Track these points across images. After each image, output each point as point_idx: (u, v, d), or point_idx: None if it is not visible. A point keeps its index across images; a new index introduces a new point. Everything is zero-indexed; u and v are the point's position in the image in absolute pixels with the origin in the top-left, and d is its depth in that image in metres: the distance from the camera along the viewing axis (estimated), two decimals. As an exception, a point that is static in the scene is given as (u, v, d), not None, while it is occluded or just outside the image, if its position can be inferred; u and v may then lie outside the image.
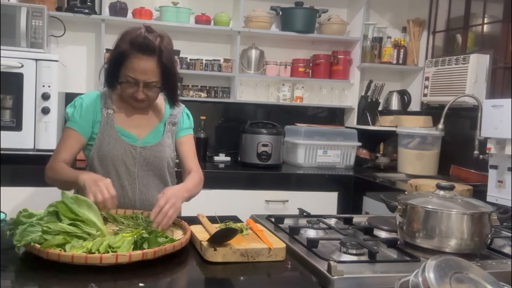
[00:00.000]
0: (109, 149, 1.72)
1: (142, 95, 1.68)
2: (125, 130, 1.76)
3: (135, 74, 1.64)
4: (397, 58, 3.55)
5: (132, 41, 1.63)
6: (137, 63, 1.63)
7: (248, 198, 2.86)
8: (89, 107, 1.76)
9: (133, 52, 1.63)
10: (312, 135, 3.30)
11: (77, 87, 3.19)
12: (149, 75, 1.65)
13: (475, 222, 1.37)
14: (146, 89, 1.68)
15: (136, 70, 1.64)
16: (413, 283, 0.98)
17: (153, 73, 1.65)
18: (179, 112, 1.88)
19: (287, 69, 3.51)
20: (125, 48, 1.64)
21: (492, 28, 3.09)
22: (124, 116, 1.78)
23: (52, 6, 3.03)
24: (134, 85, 1.67)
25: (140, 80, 1.65)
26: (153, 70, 1.65)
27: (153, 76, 1.66)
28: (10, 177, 2.51)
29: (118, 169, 1.73)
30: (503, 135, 2.18)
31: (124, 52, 1.64)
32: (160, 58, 1.64)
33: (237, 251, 1.28)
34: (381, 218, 1.74)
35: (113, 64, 1.69)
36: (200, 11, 3.33)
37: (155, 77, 1.67)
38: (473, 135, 2.79)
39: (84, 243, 1.25)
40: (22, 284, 1.15)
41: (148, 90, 1.68)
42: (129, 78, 1.65)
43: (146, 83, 1.66)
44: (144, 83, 1.66)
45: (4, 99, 2.61)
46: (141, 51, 1.62)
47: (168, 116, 1.84)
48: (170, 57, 1.68)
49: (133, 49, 1.63)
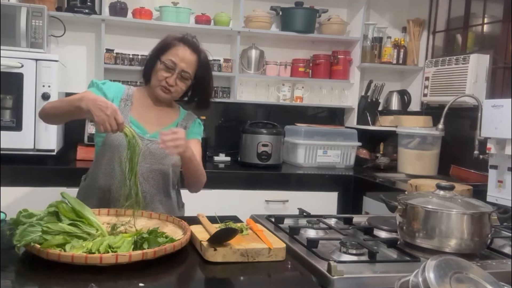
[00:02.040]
0: (116, 136, 1.75)
1: (173, 81, 1.80)
2: (137, 122, 1.83)
3: (176, 59, 1.80)
4: (397, 58, 3.56)
5: (180, 38, 1.85)
6: (182, 50, 1.81)
7: (248, 198, 2.86)
8: (114, 87, 1.87)
9: (181, 44, 1.83)
10: (312, 135, 3.30)
11: (77, 87, 3.18)
12: (188, 65, 1.81)
13: (475, 222, 1.37)
14: (179, 78, 1.81)
15: (179, 55, 1.80)
16: (413, 283, 0.98)
17: (191, 65, 1.83)
18: (192, 119, 1.97)
19: (287, 69, 3.51)
20: (172, 41, 1.84)
21: (492, 28, 3.09)
22: (140, 111, 1.86)
23: (52, 6, 3.03)
24: (170, 70, 1.80)
25: (178, 65, 1.80)
26: (192, 63, 1.83)
27: (190, 68, 1.82)
28: (10, 177, 2.51)
29: (122, 157, 1.75)
30: (503, 135, 2.18)
31: (171, 43, 1.83)
32: (199, 57, 1.85)
33: (237, 251, 1.28)
34: (381, 218, 1.74)
35: (156, 50, 1.85)
36: (200, 11, 3.33)
37: (191, 69, 1.83)
38: (473, 135, 2.79)
39: (84, 243, 1.24)
40: (22, 284, 1.15)
41: (180, 80, 1.81)
42: (169, 61, 1.80)
43: (183, 71, 1.80)
44: (180, 70, 1.80)
45: (4, 99, 2.61)
46: (188, 44, 1.83)
47: (181, 120, 1.93)
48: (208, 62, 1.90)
49: (181, 42, 1.83)
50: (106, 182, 1.80)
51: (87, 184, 1.87)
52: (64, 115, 1.69)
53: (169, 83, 1.80)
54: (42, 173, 2.62)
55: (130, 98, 1.87)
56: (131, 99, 1.86)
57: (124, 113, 1.79)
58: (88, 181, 1.88)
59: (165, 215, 1.57)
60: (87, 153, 2.86)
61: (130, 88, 1.92)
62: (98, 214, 1.55)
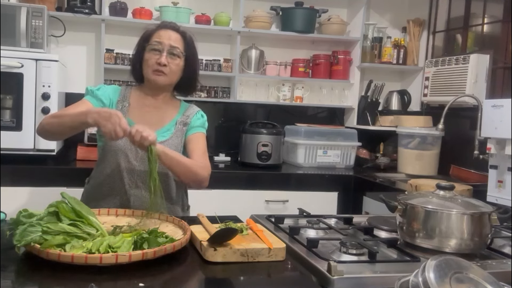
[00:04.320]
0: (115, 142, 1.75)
1: (165, 59, 1.78)
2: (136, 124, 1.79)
3: (161, 38, 1.79)
4: (397, 58, 3.56)
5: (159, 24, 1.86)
6: (163, 32, 1.82)
7: (248, 198, 2.86)
8: (109, 91, 1.86)
9: (160, 27, 1.84)
10: (312, 135, 3.30)
11: (77, 87, 3.19)
12: (175, 41, 1.81)
13: (475, 222, 1.37)
14: (169, 56, 1.79)
15: (162, 35, 1.80)
16: (413, 283, 0.98)
17: (179, 42, 1.82)
18: (193, 113, 1.92)
19: (287, 69, 3.51)
20: (152, 27, 1.85)
21: (492, 28, 3.09)
22: (138, 112, 1.85)
23: (52, 6, 3.03)
24: (158, 52, 1.78)
25: (165, 43, 1.79)
26: (179, 40, 1.82)
27: (177, 43, 1.81)
28: (10, 177, 2.51)
29: (119, 160, 1.77)
30: (503, 135, 2.18)
31: (151, 30, 1.84)
32: (184, 35, 1.85)
33: (237, 251, 1.28)
34: (381, 218, 1.74)
35: (139, 44, 1.85)
36: (200, 11, 3.33)
37: (179, 45, 1.82)
38: (473, 135, 2.79)
39: (84, 243, 1.25)
40: (22, 284, 1.15)
41: (170, 58, 1.79)
42: (155, 42, 1.79)
43: (171, 47, 1.79)
44: (169, 46, 1.79)
45: (4, 99, 2.61)
46: (167, 27, 1.84)
47: (180, 117, 1.89)
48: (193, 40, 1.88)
49: (160, 27, 1.84)
50: (109, 185, 1.80)
51: (91, 186, 1.88)
52: (67, 130, 1.69)
53: (161, 63, 1.77)
54: (42, 173, 2.62)
55: (127, 99, 1.86)
56: (128, 100, 1.86)
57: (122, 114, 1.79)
58: (91, 184, 1.88)
59: (165, 215, 1.57)
60: (87, 153, 2.86)
61: (128, 88, 1.92)
62: (98, 214, 1.55)
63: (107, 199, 1.79)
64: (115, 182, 1.79)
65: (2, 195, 2.28)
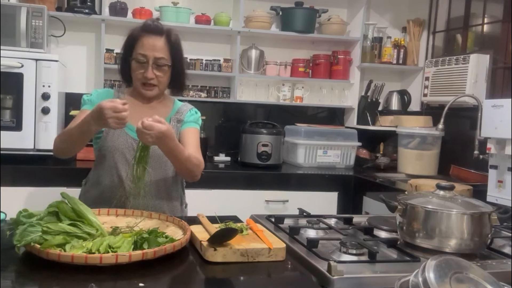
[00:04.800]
0: (112, 140, 1.78)
1: (151, 74, 1.76)
2: (131, 125, 1.79)
3: (145, 50, 1.75)
4: (397, 58, 3.56)
5: (142, 26, 1.79)
6: (146, 40, 1.75)
7: (248, 198, 2.86)
8: (103, 96, 1.84)
9: (143, 33, 1.77)
10: (312, 135, 3.30)
11: (77, 87, 3.19)
12: (158, 51, 1.75)
13: (475, 222, 1.37)
14: (156, 68, 1.76)
15: (145, 46, 1.75)
16: (413, 283, 0.98)
17: (162, 50, 1.76)
18: (186, 110, 1.93)
19: (287, 69, 3.51)
20: (136, 32, 1.79)
21: (492, 28, 3.09)
22: (132, 112, 1.82)
23: (52, 6, 3.03)
24: (144, 64, 1.75)
25: (149, 56, 1.75)
26: (163, 48, 1.76)
27: (162, 53, 1.76)
28: (10, 177, 2.51)
29: (117, 160, 1.78)
30: (503, 135, 2.18)
31: (135, 36, 1.78)
32: (168, 38, 1.77)
33: (237, 251, 1.28)
34: (381, 218, 1.74)
35: (125, 50, 1.81)
36: (200, 11, 3.33)
37: (164, 54, 1.76)
38: (473, 135, 2.79)
39: (84, 243, 1.25)
40: (22, 284, 1.15)
41: (157, 70, 1.76)
42: (139, 55, 1.76)
43: (156, 59, 1.75)
44: (153, 59, 1.75)
45: (4, 99, 2.61)
46: (150, 31, 1.76)
47: (174, 114, 1.89)
48: (178, 40, 1.81)
49: (143, 31, 1.77)
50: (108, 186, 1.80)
51: (89, 188, 1.88)
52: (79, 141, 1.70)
53: (148, 78, 1.76)
54: (42, 173, 2.62)
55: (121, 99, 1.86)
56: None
57: None
58: (89, 186, 1.88)
59: (165, 215, 1.57)
60: (87, 153, 2.85)
61: (120, 90, 1.91)
62: (98, 214, 1.55)
63: (106, 199, 1.79)
64: (113, 182, 1.79)
65: (2, 195, 2.28)
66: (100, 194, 1.81)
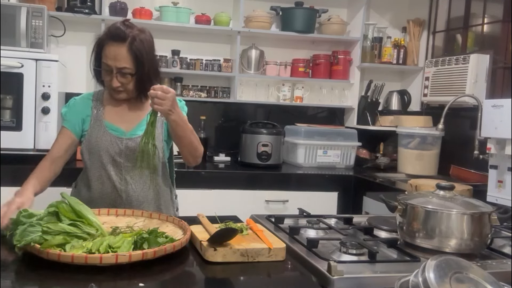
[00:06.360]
0: (97, 141, 1.79)
1: (116, 82, 1.75)
2: (114, 125, 1.82)
3: (107, 60, 1.73)
4: (397, 58, 3.56)
5: (106, 32, 1.77)
6: (108, 49, 1.73)
7: (248, 198, 2.86)
8: (80, 105, 1.86)
9: (106, 40, 1.74)
10: (312, 135, 3.30)
11: (77, 87, 3.18)
12: (120, 61, 1.72)
13: (475, 222, 1.37)
14: (120, 76, 1.74)
15: (108, 56, 1.73)
16: (413, 283, 0.98)
17: (124, 59, 1.72)
18: None
19: (287, 69, 3.51)
20: (100, 40, 1.77)
21: (492, 28, 3.09)
22: (114, 113, 1.85)
23: (52, 6, 3.03)
24: (109, 72, 1.75)
25: (112, 66, 1.73)
26: (124, 56, 1.72)
27: (124, 62, 1.72)
28: (10, 177, 2.50)
29: (104, 160, 1.79)
30: (503, 135, 2.18)
31: (101, 42, 1.77)
32: (131, 45, 1.72)
33: (237, 251, 1.28)
34: (381, 218, 1.74)
35: (94, 56, 1.80)
36: (200, 11, 3.33)
37: (127, 63, 1.73)
38: (473, 135, 2.79)
39: (84, 243, 1.25)
40: (22, 284, 1.15)
41: (122, 78, 1.75)
42: (104, 65, 1.75)
43: (118, 68, 1.73)
44: (116, 69, 1.73)
45: (4, 99, 2.61)
46: (112, 38, 1.73)
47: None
48: (143, 47, 1.74)
49: (106, 38, 1.74)
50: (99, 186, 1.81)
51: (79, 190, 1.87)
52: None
53: (113, 86, 1.75)
54: (42, 173, 2.61)
55: (101, 102, 1.85)
56: (102, 103, 1.85)
57: (98, 119, 1.81)
58: (79, 188, 1.88)
59: (165, 215, 1.58)
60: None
61: (100, 91, 1.90)
62: (98, 214, 1.55)
63: (99, 200, 1.79)
64: (104, 183, 1.80)
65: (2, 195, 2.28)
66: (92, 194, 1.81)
